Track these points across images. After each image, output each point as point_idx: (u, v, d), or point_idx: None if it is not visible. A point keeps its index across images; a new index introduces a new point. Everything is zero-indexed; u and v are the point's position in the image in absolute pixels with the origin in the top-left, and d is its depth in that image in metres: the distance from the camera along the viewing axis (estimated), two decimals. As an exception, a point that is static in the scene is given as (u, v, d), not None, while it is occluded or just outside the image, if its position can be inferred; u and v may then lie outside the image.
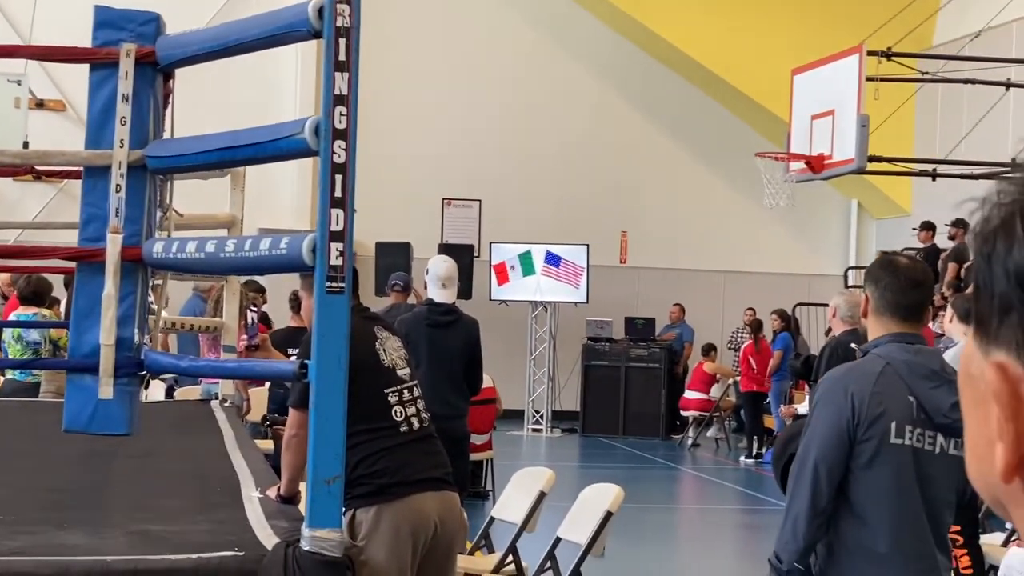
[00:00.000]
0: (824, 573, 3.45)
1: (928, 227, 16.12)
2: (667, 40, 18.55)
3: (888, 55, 12.60)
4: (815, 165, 12.68)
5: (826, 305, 9.77)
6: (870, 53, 12.23)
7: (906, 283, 3.50)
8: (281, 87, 18.04)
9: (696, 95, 19.52)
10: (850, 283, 18.37)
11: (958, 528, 7.24)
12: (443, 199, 18.53)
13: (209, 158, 3.66)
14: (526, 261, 17.95)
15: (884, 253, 3.87)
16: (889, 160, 13.01)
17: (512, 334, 17.78)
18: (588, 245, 17.89)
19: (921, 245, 16.28)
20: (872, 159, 12.24)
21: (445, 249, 17.07)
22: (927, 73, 13.72)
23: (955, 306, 7.61)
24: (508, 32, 19.11)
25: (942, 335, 11.45)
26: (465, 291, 16.08)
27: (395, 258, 16.06)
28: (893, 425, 3.37)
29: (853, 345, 7.03)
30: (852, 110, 12.06)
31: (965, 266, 14.94)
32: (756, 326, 16.20)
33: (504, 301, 17.84)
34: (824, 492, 3.36)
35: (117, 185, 3.69)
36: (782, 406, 15.41)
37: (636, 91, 19.50)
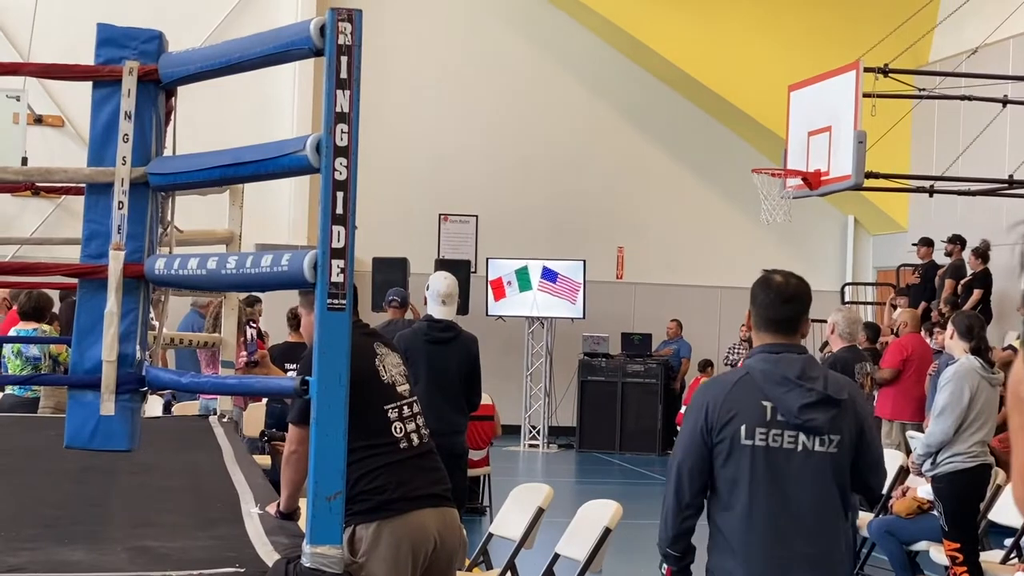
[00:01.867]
0: (710, 553, 3.93)
1: (927, 243, 16.14)
2: (663, 56, 18.59)
3: (885, 72, 12.63)
4: (812, 181, 12.69)
5: (822, 321, 9.77)
6: (867, 69, 12.25)
7: (777, 299, 3.91)
8: (278, 102, 18.06)
9: (693, 111, 19.56)
10: (847, 299, 18.40)
11: (957, 546, 7.26)
12: (440, 215, 18.55)
13: (211, 175, 3.67)
14: (523, 276, 17.96)
15: (764, 270, 4.05)
16: (886, 176, 13.03)
17: (509, 349, 17.79)
18: (585, 261, 17.91)
19: (919, 261, 16.30)
20: (869, 175, 12.26)
21: (442, 264, 17.10)
22: (924, 90, 13.75)
23: (956, 323, 7.63)
24: (505, 48, 19.16)
25: (941, 351, 11.47)
26: (462, 306, 16.04)
27: (392, 274, 16.09)
28: (743, 428, 3.78)
29: (853, 361, 7.11)
30: (849, 126, 12.08)
31: (962, 282, 14.97)
32: (751, 341, 16.19)
33: (501, 316, 17.85)
34: (686, 489, 3.85)
35: (119, 202, 3.70)
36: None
37: (633, 107, 19.54)
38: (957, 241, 15.46)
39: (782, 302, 3.91)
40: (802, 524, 3.80)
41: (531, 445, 17.69)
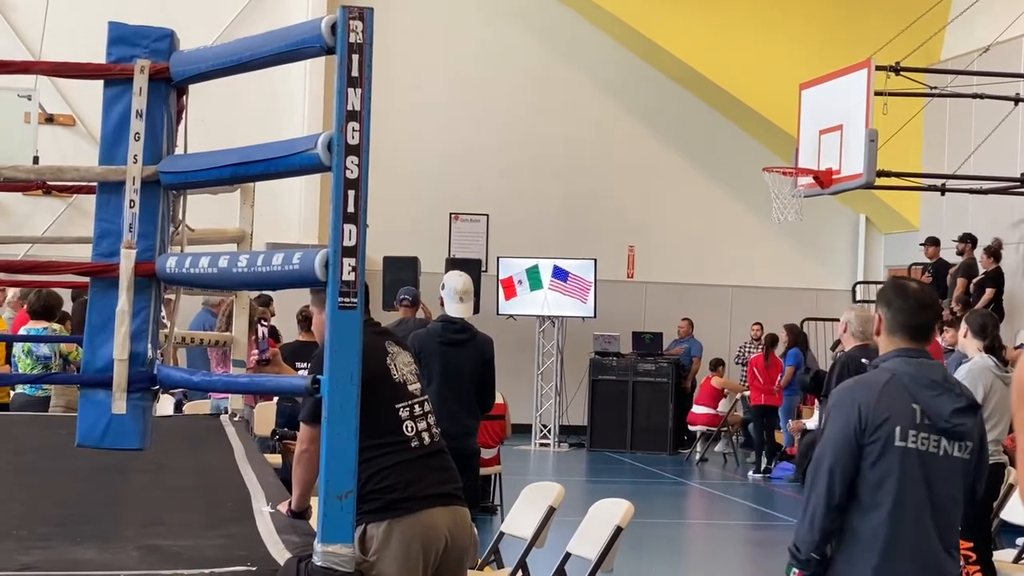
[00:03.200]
0: (835, 560, 3.90)
1: (933, 243, 16.11)
2: (674, 55, 18.57)
3: (897, 70, 12.60)
4: (823, 180, 12.67)
5: (834, 320, 9.77)
6: (878, 68, 12.23)
7: (916, 305, 3.99)
8: (289, 100, 18.07)
9: (703, 109, 19.53)
10: (858, 298, 18.36)
11: (971, 544, 7.23)
12: (451, 213, 18.56)
13: (222, 173, 3.67)
14: (533, 275, 17.96)
15: (895, 277, 4.21)
16: (898, 175, 13.01)
17: (519, 348, 17.78)
18: (595, 260, 17.89)
19: (928, 260, 16.27)
20: (880, 174, 12.23)
21: (453, 263, 17.10)
22: (936, 88, 13.72)
23: (969, 321, 7.61)
24: (516, 47, 19.14)
25: (952, 349, 11.44)
26: (472, 306, 16.08)
27: (403, 272, 16.09)
28: (897, 429, 3.82)
29: (864, 360, 7.19)
30: (860, 125, 12.06)
31: (974, 281, 14.93)
32: (771, 340, 16.15)
33: (511, 315, 17.84)
34: (836, 490, 3.84)
35: (131, 200, 3.69)
36: (790, 421, 15.41)
37: (644, 106, 19.52)
38: (967, 240, 15.43)
39: (921, 308, 4.00)
40: (941, 525, 3.92)
41: (542, 444, 17.68)
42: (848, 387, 3.96)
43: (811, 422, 13.96)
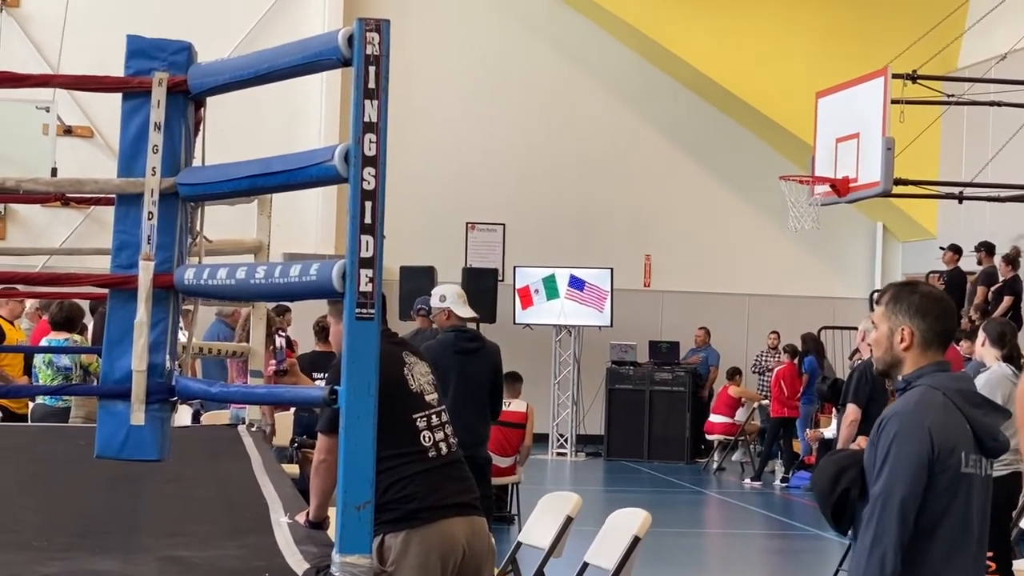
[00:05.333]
0: None
1: (955, 250, 16.05)
2: (691, 64, 18.57)
3: (913, 78, 12.59)
4: (840, 188, 12.66)
5: (851, 328, 9.74)
6: (895, 76, 12.21)
7: (948, 314, 3.71)
8: (306, 112, 18.13)
9: (720, 118, 19.52)
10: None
11: (990, 554, 7.20)
12: (467, 223, 18.57)
13: (240, 185, 3.68)
14: (550, 285, 17.96)
15: (912, 283, 3.86)
16: (915, 183, 12.98)
17: (536, 358, 17.76)
18: (612, 269, 17.89)
19: (946, 268, 16.21)
20: (898, 182, 12.21)
21: (469, 273, 17.13)
22: (953, 96, 13.70)
23: (987, 330, 7.59)
24: (532, 57, 19.17)
25: (970, 358, 11.40)
26: (489, 315, 16.11)
27: (420, 282, 16.09)
28: (963, 455, 3.54)
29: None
30: (877, 133, 12.04)
31: (993, 289, 14.88)
32: (794, 350, 16.08)
33: (528, 325, 17.85)
34: (909, 526, 3.49)
35: (149, 212, 3.71)
36: (808, 430, 15.36)
37: (660, 114, 19.52)
38: (983, 248, 15.38)
39: (951, 316, 3.75)
40: (983, 549, 3.67)
41: (559, 453, 17.67)
42: (912, 411, 3.56)
43: (829, 431, 13.93)
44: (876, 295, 3.90)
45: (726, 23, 18.40)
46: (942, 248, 16.35)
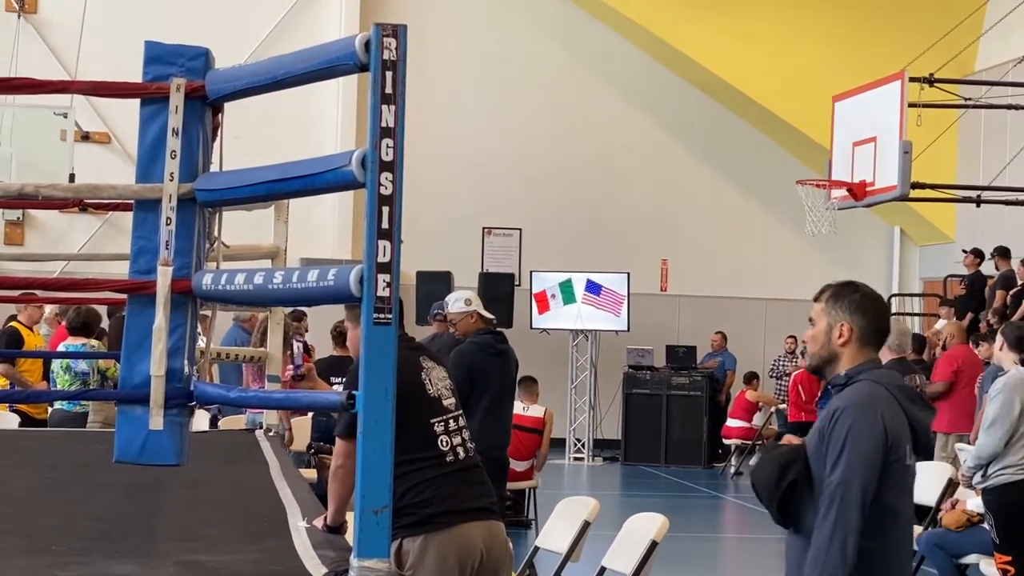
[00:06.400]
0: None
1: (976, 254, 15.98)
2: (706, 67, 18.56)
3: (931, 81, 12.54)
4: (857, 192, 12.62)
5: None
6: (912, 79, 12.17)
7: (886, 313, 3.90)
8: (322, 117, 18.17)
9: (736, 122, 19.50)
10: (893, 310, 18.25)
11: (1009, 559, 7.18)
12: (483, 228, 18.58)
13: (257, 191, 3.68)
14: (567, 289, 17.95)
15: (852, 282, 3.92)
16: (932, 187, 12.93)
17: (553, 362, 17.77)
18: (629, 273, 17.88)
19: (966, 272, 16.15)
20: (915, 186, 12.17)
21: (486, 278, 17.14)
22: (970, 99, 13.64)
23: (1005, 334, 7.57)
24: (548, 62, 19.18)
25: (988, 362, 11.35)
26: (506, 320, 16.10)
27: (436, 287, 16.10)
28: (907, 448, 3.69)
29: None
30: (894, 136, 12.00)
31: (1011, 293, 14.82)
32: None
33: (545, 329, 17.85)
34: (867, 514, 3.58)
35: (167, 218, 3.72)
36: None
37: (676, 119, 19.51)
38: (997, 253, 15.33)
39: (887, 318, 3.88)
40: (912, 539, 3.85)
41: (576, 458, 17.66)
42: (867, 404, 3.66)
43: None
44: (815, 294, 3.95)
45: (743, 27, 18.39)
46: (964, 251, 16.29)
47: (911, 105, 12.11)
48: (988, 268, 15.80)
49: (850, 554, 3.55)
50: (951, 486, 8.58)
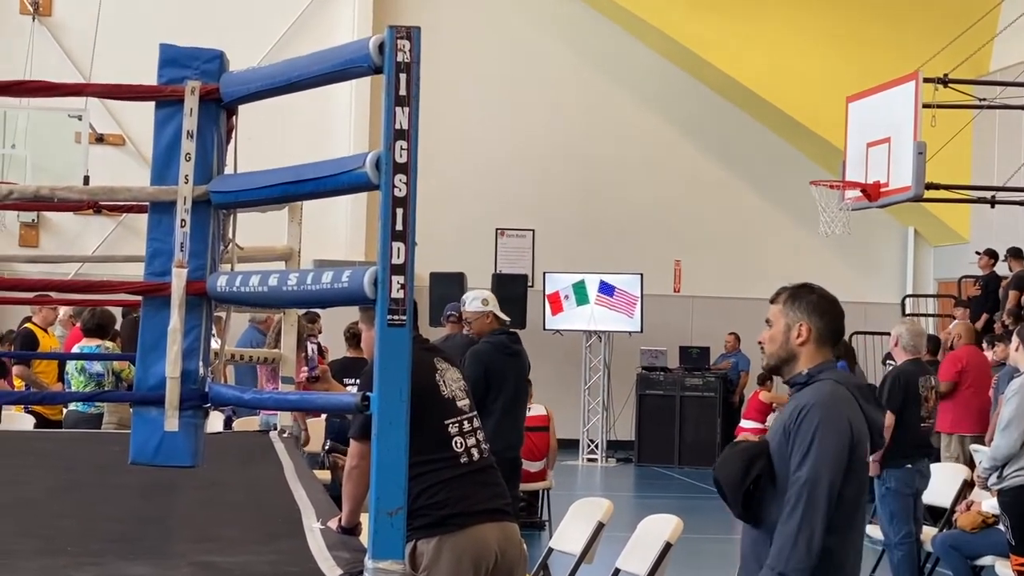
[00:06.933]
0: None
1: (991, 254, 15.94)
2: (720, 69, 18.54)
3: (945, 82, 12.52)
4: (871, 193, 12.60)
5: (883, 334, 9.70)
6: (926, 80, 12.15)
7: (841, 315, 3.97)
8: (335, 119, 18.19)
9: (749, 123, 19.48)
10: (907, 311, 18.21)
11: (1022, 560, 7.16)
12: (497, 229, 18.58)
13: (272, 192, 3.69)
14: (580, 290, 17.95)
15: (809, 285, 4.04)
16: (947, 187, 12.91)
17: (566, 363, 17.77)
18: (642, 274, 17.86)
19: (980, 272, 16.11)
20: (929, 186, 12.15)
21: (499, 279, 17.14)
22: (984, 99, 13.61)
23: (1021, 334, 7.55)
24: (561, 63, 19.18)
25: (1003, 363, 11.33)
26: (519, 321, 16.10)
27: (449, 288, 16.11)
28: (868, 445, 3.77)
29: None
30: (909, 137, 11.98)
31: (1025, 294, 14.77)
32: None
33: (558, 331, 17.84)
34: (832, 510, 3.65)
35: (182, 220, 3.72)
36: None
37: (690, 120, 19.49)
38: (1010, 254, 15.28)
39: (842, 319, 3.97)
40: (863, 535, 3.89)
41: (589, 459, 17.65)
42: (831, 403, 3.71)
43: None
44: (772, 296, 4.00)
45: (756, 27, 18.36)
46: (977, 253, 16.25)
47: (925, 106, 12.09)
48: (1003, 269, 15.75)
49: (815, 550, 3.60)
50: (966, 487, 8.57)
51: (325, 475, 8.49)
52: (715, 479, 3.87)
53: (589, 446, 17.82)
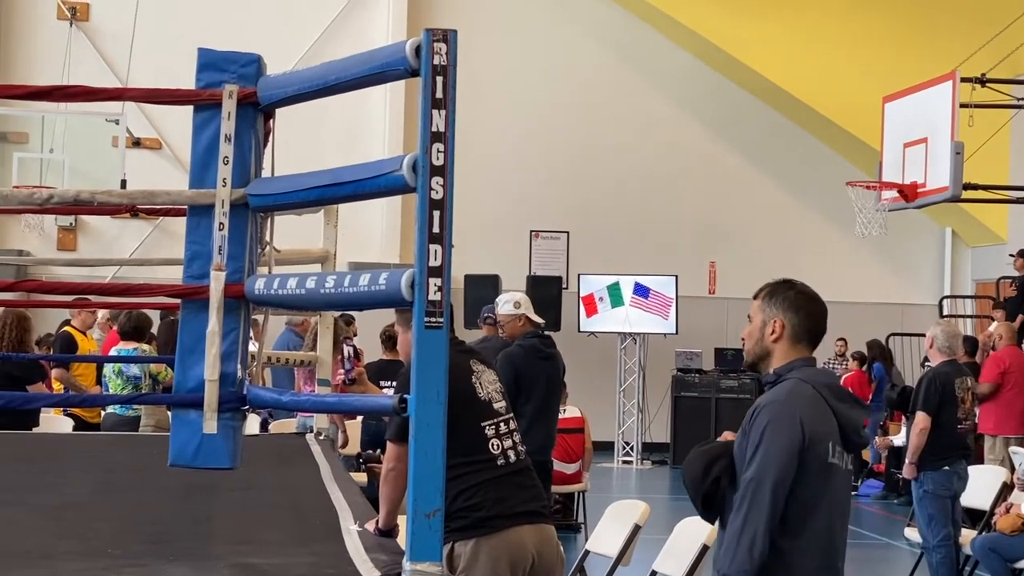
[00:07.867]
0: None
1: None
2: (754, 69, 18.47)
3: (982, 81, 12.44)
4: (908, 193, 12.52)
5: (920, 335, 9.63)
6: (963, 80, 12.07)
7: (823, 313, 3.93)
8: (370, 122, 18.24)
9: (784, 124, 19.39)
10: (945, 313, 18.08)
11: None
12: (531, 231, 18.57)
13: (309, 195, 3.71)
14: (614, 292, 17.92)
15: (787, 281, 4.02)
16: (984, 187, 12.82)
17: (601, 366, 17.74)
18: (677, 276, 17.81)
19: (1017, 273, 15.98)
20: (967, 187, 12.06)
21: (533, 281, 17.14)
22: (1022, 99, 13.51)
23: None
24: (595, 65, 19.16)
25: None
26: (554, 323, 16.09)
27: (484, 290, 16.11)
28: (831, 445, 3.66)
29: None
30: (946, 137, 11.91)
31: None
32: (862, 357, 15.94)
33: (593, 333, 17.82)
34: (778, 512, 3.59)
35: (220, 223, 3.75)
36: (877, 437, 15.21)
37: (723, 121, 19.43)
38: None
39: (822, 317, 3.92)
40: (844, 543, 3.78)
41: (624, 461, 17.62)
42: (783, 401, 3.68)
43: (898, 439, 13.78)
44: (755, 291, 3.96)
45: (790, 29, 18.29)
46: (1011, 256, 16.12)
47: (963, 105, 12.01)
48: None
49: (758, 551, 3.56)
50: (1005, 490, 8.50)
51: (361, 477, 8.51)
52: (682, 478, 3.86)
53: (624, 448, 17.78)
